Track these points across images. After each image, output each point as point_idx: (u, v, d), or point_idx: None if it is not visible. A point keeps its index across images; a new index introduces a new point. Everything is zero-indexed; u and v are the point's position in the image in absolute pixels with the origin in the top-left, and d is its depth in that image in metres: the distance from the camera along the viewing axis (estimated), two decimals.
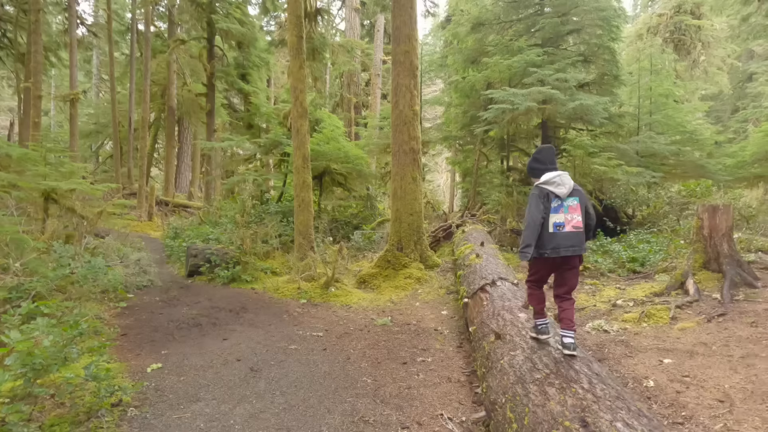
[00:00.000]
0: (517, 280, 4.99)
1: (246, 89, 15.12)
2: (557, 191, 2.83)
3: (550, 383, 2.27)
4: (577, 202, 2.85)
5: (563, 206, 2.82)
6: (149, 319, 6.15)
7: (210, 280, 8.78)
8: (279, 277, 8.95)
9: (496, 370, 2.87)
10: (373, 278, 8.09)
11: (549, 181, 2.89)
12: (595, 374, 2.34)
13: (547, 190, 2.86)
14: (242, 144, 12.73)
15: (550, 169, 2.96)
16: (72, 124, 19.72)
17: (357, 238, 10.89)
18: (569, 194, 2.84)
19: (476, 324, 4.19)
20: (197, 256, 9.11)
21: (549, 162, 3.01)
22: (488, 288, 4.80)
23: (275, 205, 12.16)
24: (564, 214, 2.81)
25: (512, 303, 4.10)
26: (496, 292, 4.58)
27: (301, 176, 9.01)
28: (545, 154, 3.09)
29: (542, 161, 3.04)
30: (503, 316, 3.81)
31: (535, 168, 3.06)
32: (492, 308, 4.12)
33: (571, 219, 2.80)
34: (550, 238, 2.79)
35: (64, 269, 6.66)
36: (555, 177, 2.88)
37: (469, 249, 6.89)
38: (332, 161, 12.69)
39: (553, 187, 2.85)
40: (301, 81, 9.11)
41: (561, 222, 2.79)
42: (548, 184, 2.88)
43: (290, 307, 6.96)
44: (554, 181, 2.87)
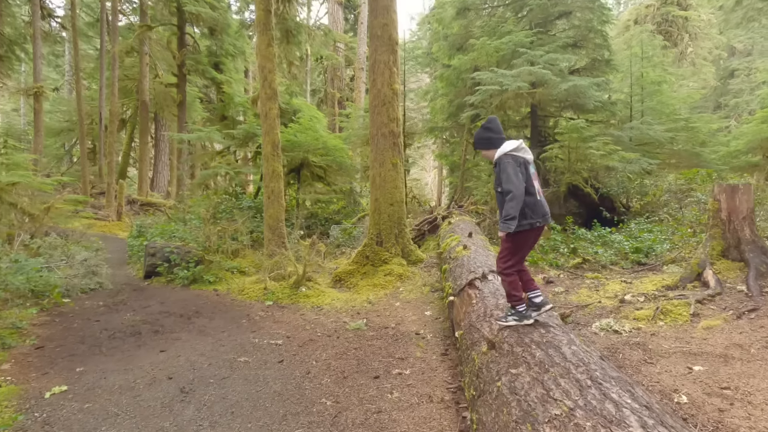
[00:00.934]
0: None
1: (219, 78, 14.11)
2: (528, 157, 2.78)
3: (578, 427, 1.42)
4: (534, 169, 2.86)
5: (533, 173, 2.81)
6: (80, 327, 5.17)
7: (169, 282, 7.79)
8: (247, 277, 8.00)
9: (491, 397, 2.01)
10: (350, 276, 7.20)
11: (518, 147, 2.77)
12: (644, 406, 1.49)
13: (523, 158, 2.75)
14: (213, 135, 11.74)
15: (504, 139, 2.83)
16: (36, 119, 18.45)
17: (335, 234, 9.98)
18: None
19: (463, 327, 3.33)
20: (155, 255, 8.11)
21: (501, 131, 2.89)
22: (478, 283, 3.95)
23: (248, 201, 11.18)
24: (536, 180, 2.81)
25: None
26: (487, 288, 3.73)
27: (270, 165, 8.07)
28: (496, 123, 2.93)
29: (496, 131, 2.88)
30: (496, 317, 2.95)
31: (492, 138, 2.87)
32: (483, 307, 3.26)
33: (538, 186, 2.82)
34: (538, 206, 2.71)
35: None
36: (520, 144, 2.78)
37: (456, 240, 6.04)
38: (310, 153, 11.77)
39: (524, 153, 2.77)
40: (269, 60, 8.18)
41: (538, 188, 2.79)
42: (518, 151, 2.75)
43: (252, 311, 6.02)
44: (523, 147, 2.78)
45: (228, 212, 10.49)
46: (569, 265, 6.54)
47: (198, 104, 17.82)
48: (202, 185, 11.62)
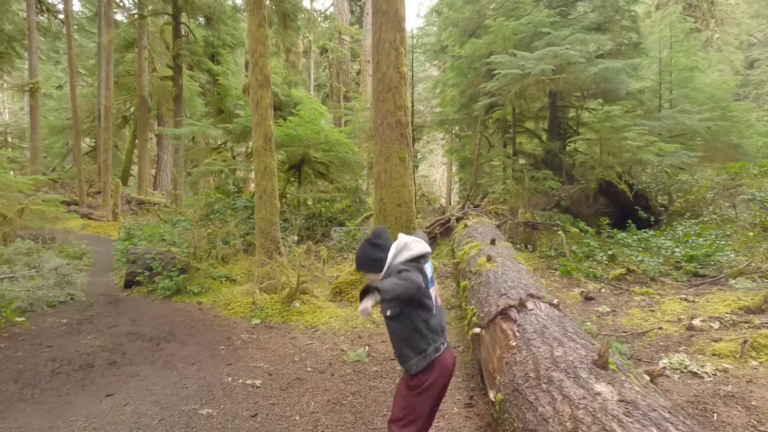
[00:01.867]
0: (556, 300, 3.12)
1: (215, 69, 13.18)
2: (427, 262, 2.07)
3: None
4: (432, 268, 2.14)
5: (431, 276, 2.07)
6: (25, 356, 4.24)
7: (150, 292, 6.87)
8: (237, 286, 7.05)
9: None
10: (352, 287, 6.20)
11: (415, 253, 2.00)
12: None
13: (421, 266, 1.99)
14: (207, 130, 10.80)
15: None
16: (33, 116, 17.71)
17: (337, 236, 8.99)
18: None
19: (502, 387, 2.31)
20: (136, 262, 7.19)
21: (389, 240, 2.06)
22: (514, 313, 2.92)
23: (243, 200, 10.24)
24: (434, 288, 2.11)
25: (568, 349, 2.22)
26: (529, 323, 2.69)
27: (262, 160, 7.09)
28: (383, 233, 2.10)
29: (384, 246, 2.01)
30: (559, 384, 1.93)
31: (381, 258, 1.98)
32: (531, 361, 2.24)
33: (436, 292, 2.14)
34: (439, 323, 2.04)
35: None
36: (413, 242, 2.04)
37: (476, 249, 5.00)
38: (311, 148, 10.78)
39: (423, 259, 2.03)
40: (260, 42, 7.18)
41: (436, 295, 2.12)
42: (415, 257, 1.99)
43: (235, 331, 5.06)
44: (419, 249, 2.03)
45: (221, 213, 9.55)
46: (610, 276, 5.47)
47: (197, 99, 16.91)
48: (196, 183, 10.74)
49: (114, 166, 26.54)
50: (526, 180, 8.03)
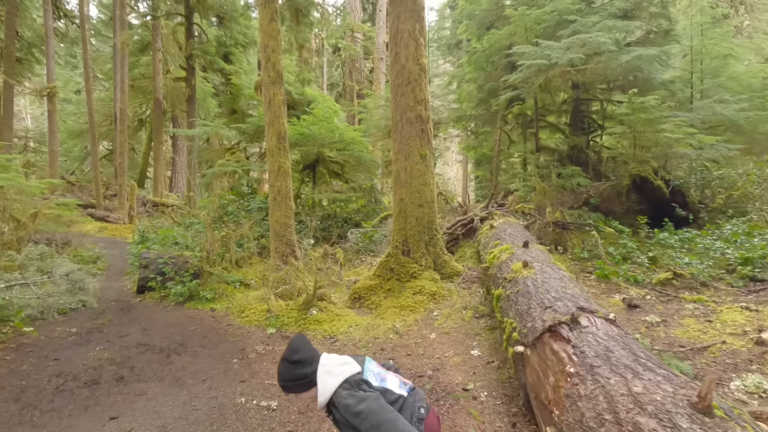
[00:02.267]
0: (613, 315, 2.69)
1: (227, 69, 12.98)
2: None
3: None
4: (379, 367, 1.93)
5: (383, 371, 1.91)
6: (29, 371, 3.99)
7: (162, 298, 6.63)
8: (252, 291, 6.76)
9: None
10: (371, 293, 5.83)
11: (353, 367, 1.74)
12: None
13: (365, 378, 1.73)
14: (219, 130, 10.57)
15: (317, 359, 1.76)
16: (50, 120, 17.82)
17: (354, 238, 8.64)
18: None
19: (565, 429, 1.91)
20: (148, 267, 6.97)
21: (315, 355, 1.77)
22: (565, 331, 2.51)
23: (257, 201, 9.97)
24: (396, 376, 1.92)
25: (648, 383, 1.80)
26: (587, 344, 2.28)
27: (276, 160, 6.78)
28: (306, 347, 1.79)
29: (305, 360, 1.74)
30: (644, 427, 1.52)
31: (306, 374, 1.72)
32: (601, 395, 1.83)
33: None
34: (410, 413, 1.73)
35: None
36: (347, 359, 1.79)
37: (507, 252, 4.58)
38: (326, 147, 10.46)
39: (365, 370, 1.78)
40: (273, 38, 6.86)
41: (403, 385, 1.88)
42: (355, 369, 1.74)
43: (250, 342, 4.74)
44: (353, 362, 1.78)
45: (235, 215, 9.29)
46: (654, 281, 4.98)
47: (211, 100, 16.77)
48: (210, 185, 10.52)
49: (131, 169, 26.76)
50: (553, 177, 7.54)
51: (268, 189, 6.91)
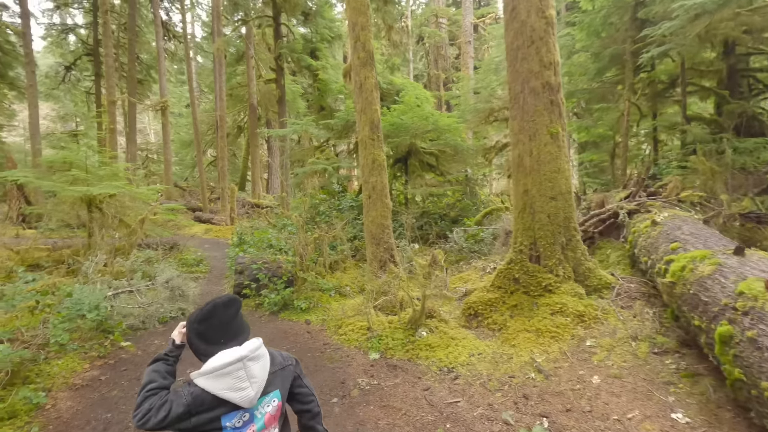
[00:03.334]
0: None
1: (314, 65, 12.66)
2: (238, 397, 1.24)
3: None
4: (277, 401, 1.37)
5: (255, 420, 1.30)
6: (117, 400, 3.57)
7: (257, 306, 6.19)
8: (347, 301, 6.00)
9: None
10: (491, 309, 4.66)
11: (220, 372, 1.24)
12: None
13: (211, 395, 1.24)
14: (308, 128, 10.14)
15: (228, 344, 1.31)
16: (164, 132, 19.46)
17: (457, 238, 7.48)
18: (265, 391, 1.32)
19: None
20: (243, 272, 6.60)
21: (227, 329, 1.33)
22: None
23: (349, 200, 9.31)
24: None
25: None
26: None
27: (369, 152, 5.91)
28: (219, 314, 1.34)
29: (211, 336, 1.32)
30: None
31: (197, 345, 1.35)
32: None
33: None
34: None
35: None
36: (233, 365, 1.25)
37: (710, 263, 3.07)
38: (418, 137, 9.44)
39: (229, 389, 1.24)
40: (362, 13, 5.99)
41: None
42: (217, 381, 1.24)
43: (351, 371, 3.90)
44: (232, 374, 1.24)
45: (327, 215, 8.72)
46: None
47: (300, 101, 16.80)
48: (301, 184, 10.19)
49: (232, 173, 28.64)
50: (728, 154, 5.58)
51: (362, 186, 6.08)
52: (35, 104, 18.07)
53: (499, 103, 10.94)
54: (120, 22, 22.74)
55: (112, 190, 7.53)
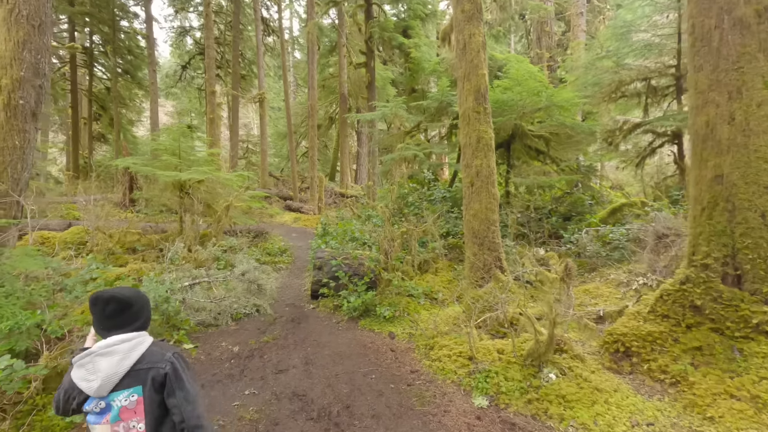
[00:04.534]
0: None
1: (406, 44, 11.60)
2: (86, 384, 1.34)
3: None
4: (136, 396, 1.36)
5: (110, 410, 1.34)
6: None
7: (335, 309, 5.37)
8: (440, 311, 4.88)
9: None
10: (654, 348, 3.16)
11: (77, 364, 1.37)
12: None
13: (72, 384, 1.38)
14: (398, 111, 9.14)
15: (103, 331, 1.44)
16: (261, 124, 20.12)
17: (587, 240, 5.87)
18: (115, 387, 1.35)
19: None
20: (322, 268, 5.85)
21: (103, 320, 1.44)
22: None
23: (441, 190, 8.12)
24: (111, 425, 1.34)
25: None
26: None
27: (473, 128, 4.68)
28: (98, 311, 1.44)
29: (95, 323, 1.47)
30: None
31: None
32: None
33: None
34: None
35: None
36: (88, 357, 1.36)
37: None
38: (525, 117, 7.88)
39: (80, 376, 1.35)
40: None
41: None
42: (75, 371, 1.37)
43: (448, 424, 2.77)
44: (84, 367, 1.36)
45: (416, 206, 7.66)
46: None
47: (390, 87, 15.93)
48: (388, 172, 9.28)
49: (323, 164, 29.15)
50: None
51: (462, 171, 4.85)
52: (155, 100, 19.87)
53: (630, 75, 8.78)
54: (227, 21, 24.16)
55: (198, 175, 7.32)
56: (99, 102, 22.38)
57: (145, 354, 1.40)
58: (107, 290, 1.45)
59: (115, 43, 22.11)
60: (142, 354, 1.39)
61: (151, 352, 1.41)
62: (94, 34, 22.31)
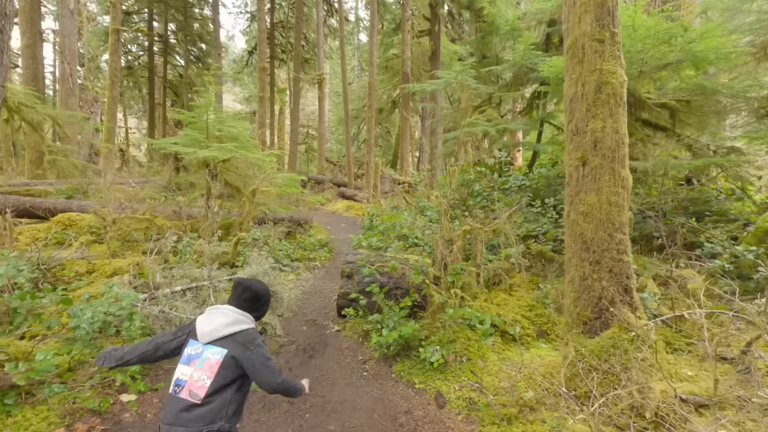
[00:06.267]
0: None
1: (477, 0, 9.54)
2: (198, 329, 1.67)
3: None
4: (219, 356, 1.60)
5: (199, 356, 1.61)
6: None
7: (363, 336, 3.80)
8: (516, 354, 3.11)
9: None
10: None
11: (205, 313, 1.75)
12: None
13: (192, 326, 1.73)
14: (465, 77, 7.24)
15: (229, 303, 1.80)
16: (320, 106, 19.10)
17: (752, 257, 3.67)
18: (213, 341, 1.64)
19: None
20: (352, 276, 4.30)
21: (233, 297, 1.80)
22: None
23: (519, 177, 6.15)
24: (194, 369, 1.59)
25: None
26: None
27: (591, 68, 2.75)
28: (235, 290, 1.83)
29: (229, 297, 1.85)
30: None
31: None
32: None
33: (197, 380, 1.56)
34: (167, 400, 1.62)
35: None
36: (210, 311, 1.75)
37: None
38: (641, 78, 5.62)
39: (199, 323, 1.69)
40: None
41: (182, 380, 1.59)
42: (201, 316, 1.73)
43: None
44: (204, 316, 1.72)
45: (484, 197, 5.80)
46: None
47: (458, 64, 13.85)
48: (451, 154, 7.42)
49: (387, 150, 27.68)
50: None
51: (567, 141, 2.94)
52: (220, 83, 19.70)
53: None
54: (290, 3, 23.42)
55: (220, 153, 6.11)
56: (173, 89, 22.87)
57: (243, 333, 1.65)
58: (249, 280, 1.83)
59: (187, 30, 22.39)
60: (241, 331, 1.65)
61: (247, 334, 1.66)
62: (169, 22, 22.79)
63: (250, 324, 1.71)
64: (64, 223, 6.68)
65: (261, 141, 12.87)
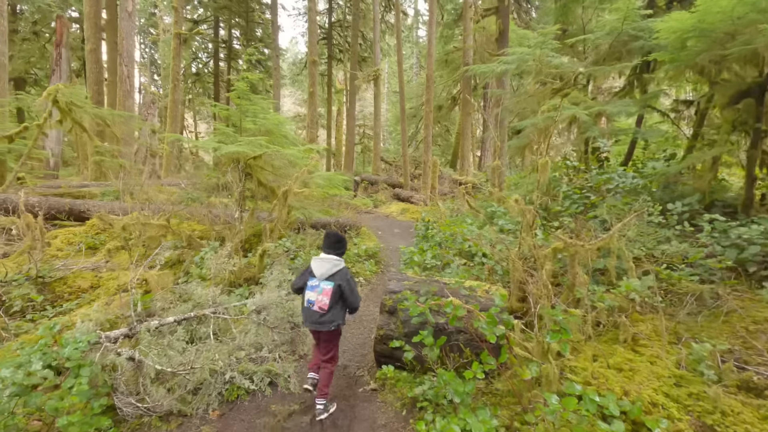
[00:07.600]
0: None
1: None
2: (315, 272, 2.68)
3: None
4: (330, 286, 2.63)
5: (318, 287, 2.65)
6: None
7: (410, 407, 2.54)
8: None
9: None
10: None
11: (315, 261, 2.73)
12: None
13: (311, 269, 2.73)
14: (544, 52, 5.68)
15: (325, 252, 2.77)
16: (375, 103, 18.11)
17: None
18: (326, 278, 2.65)
19: None
20: (394, 313, 3.05)
21: (326, 246, 2.77)
22: None
23: (627, 175, 4.50)
24: (317, 294, 2.63)
25: None
26: None
27: None
28: (325, 240, 2.81)
29: (323, 246, 2.81)
30: None
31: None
32: None
33: (321, 300, 2.62)
34: (303, 312, 2.70)
35: None
36: (318, 259, 2.73)
37: None
38: None
39: (314, 267, 2.70)
40: None
41: (312, 300, 2.63)
42: (312, 263, 2.74)
43: None
44: (316, 263, 2.71)
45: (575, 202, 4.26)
46: None
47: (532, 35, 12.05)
48: (523, 149, 5.89)
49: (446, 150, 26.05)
50: None
51: None
52: (278, 85, 19.48)
53: None
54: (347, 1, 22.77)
55: (248, 148, 5.18)
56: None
57: (339, 271, 2.64)
58: (331, 231, 2.85)
59: (248, 34, 22.64)
60: (338, 270, 2.64)
61: (342, 271, 2.66)
62: (233, 29, 23.23)
63: (343, 264, 2.71)
64: (99, 226, 6.18)
65: (310, 139, 12.11)
